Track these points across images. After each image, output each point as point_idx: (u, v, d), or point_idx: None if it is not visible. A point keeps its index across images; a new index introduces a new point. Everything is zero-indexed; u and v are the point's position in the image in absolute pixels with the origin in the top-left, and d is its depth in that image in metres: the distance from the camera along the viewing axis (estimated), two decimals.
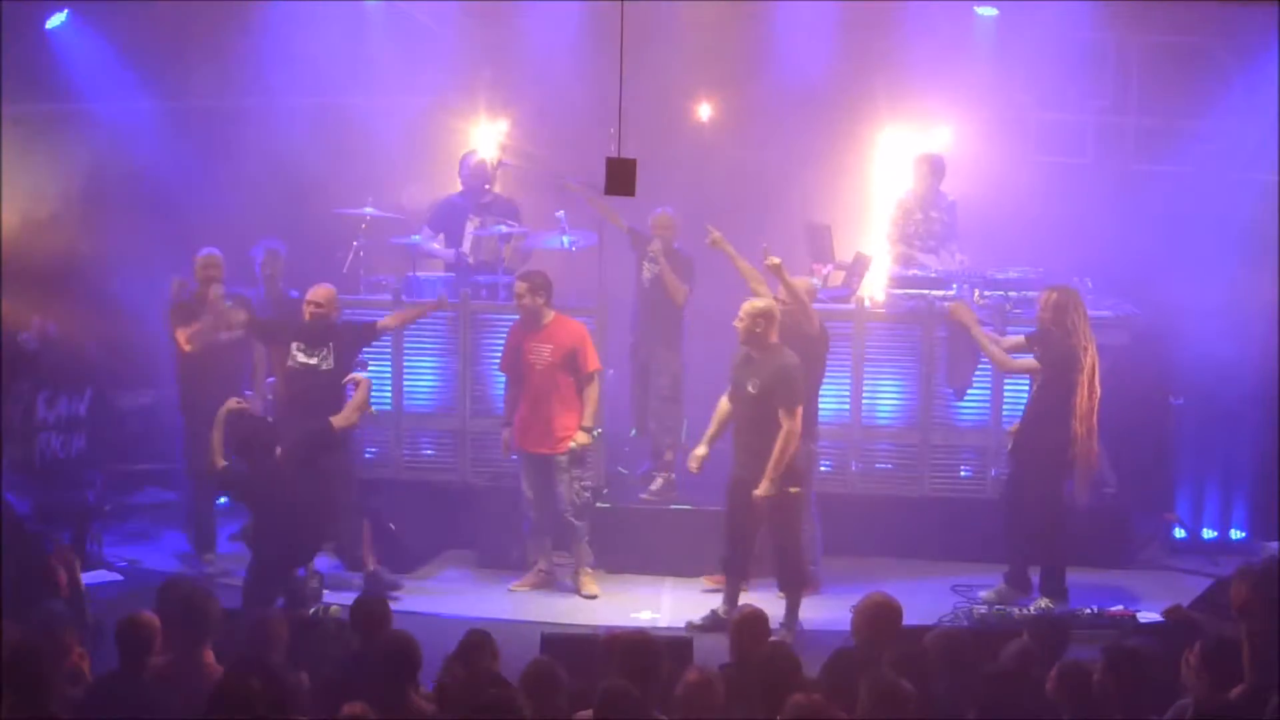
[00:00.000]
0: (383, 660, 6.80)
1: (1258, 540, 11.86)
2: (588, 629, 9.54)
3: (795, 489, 9.96)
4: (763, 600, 9.54)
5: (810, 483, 10.49)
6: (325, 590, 10.17)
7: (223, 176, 12.52)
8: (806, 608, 10.12)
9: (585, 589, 10.85)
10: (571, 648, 7.89)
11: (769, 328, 9.92)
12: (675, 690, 6.47)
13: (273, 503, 9.59)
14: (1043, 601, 10.44)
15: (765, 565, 10.52)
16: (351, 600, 8.11)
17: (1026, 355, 10.65)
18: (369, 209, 11.94)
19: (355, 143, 12.78)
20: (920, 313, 11.46)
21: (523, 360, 10.81)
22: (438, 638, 7.64)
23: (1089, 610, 10.08)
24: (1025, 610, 10.19)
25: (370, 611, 7.64)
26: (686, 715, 6.40)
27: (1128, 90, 13.01)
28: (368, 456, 11.72)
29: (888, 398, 11.68)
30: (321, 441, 9.95)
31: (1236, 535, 12.04)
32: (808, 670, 6.92)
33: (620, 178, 8.58)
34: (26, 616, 7.45)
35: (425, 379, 11.77)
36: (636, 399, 11.90)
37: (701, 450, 10.21)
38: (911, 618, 7.73)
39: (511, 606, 10.59)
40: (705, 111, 13.36)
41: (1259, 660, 6.83)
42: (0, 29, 11.67)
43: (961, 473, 11.63)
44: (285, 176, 12.37)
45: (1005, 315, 11.25)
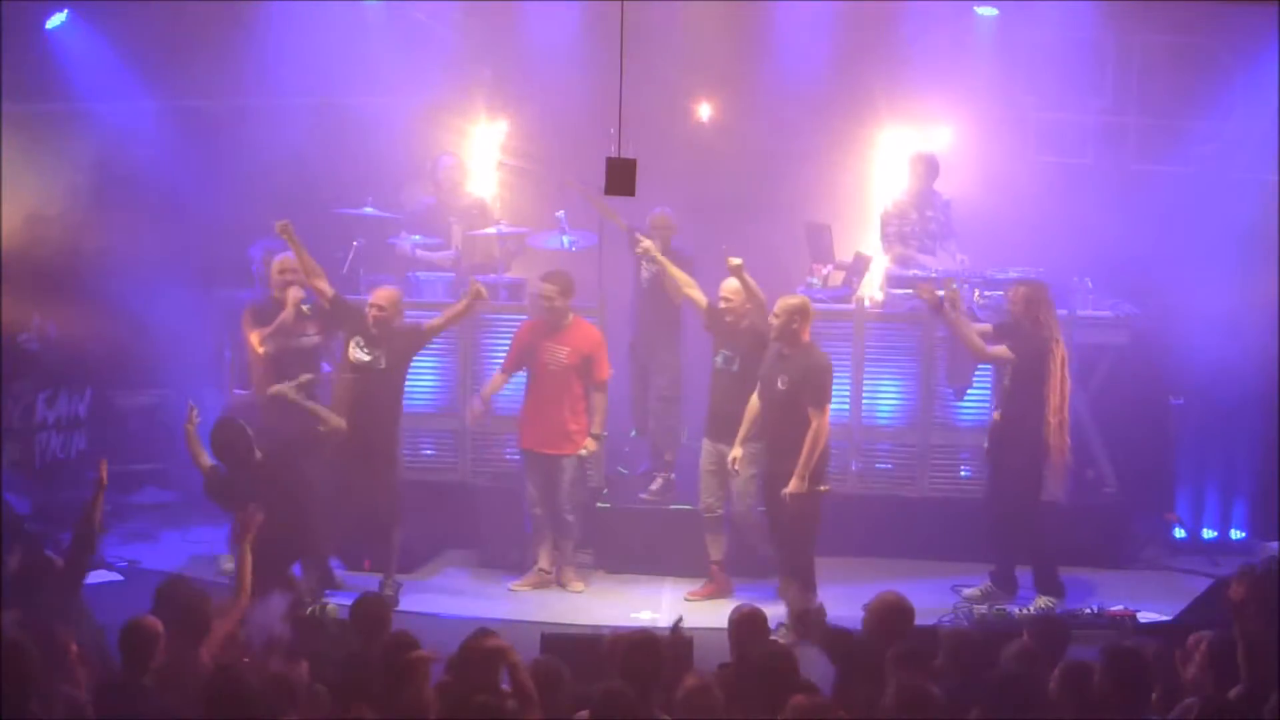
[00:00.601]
0: (383, 660, 6.79)
1: (1258, 540, 11.86)
2: (588, 629, 9.54)
3: (825, 487, 10.03)
4: (762, 600, 9.53)
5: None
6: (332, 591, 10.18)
7: (222, 176, 12.52)
8: None
9: (572, 586, 10.93)
10: (572, 648, 7.89)
11: (804, 324, 9.98)
12: (675, 693, 6.47)
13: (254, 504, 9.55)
14: (1042, 600, 10.45)
15: (767, 566, 10.53)
16: (350, 600, 8.10)
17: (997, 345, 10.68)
18: (369, 209, 11.94)
19: (355, 143, 12.78)
20: (920, 313, 11.45)
21: (536, 360, 10.83)
22: (438, 638, 7.62)
23: (1089, 610, 10.09)
24: (1025, 610, 10.20)
25: (370, 611, 7.64)
26: (686, 718, 6.40)
27: (1128, 90, 13.00)
28: None
29: (887, 398, 11.68)
30: (301, 446, 9.96)
31: (1236, 535, 12.04)
32: (807, 670, 6.92)
33: (620, 178, 8.59)
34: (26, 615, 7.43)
35: (425, 379, 11.74)
36: (636, 399, 11.91)
37: (736, 451, 10.24)
38: None
39: (511, 606, 10.60)
40: (705, 111, 13.36)
41: (1257, 660, 6.83)
42: (0, 29, 11.68)
43: (961, 473, 11.62)
44: (285, 176, 12.37)
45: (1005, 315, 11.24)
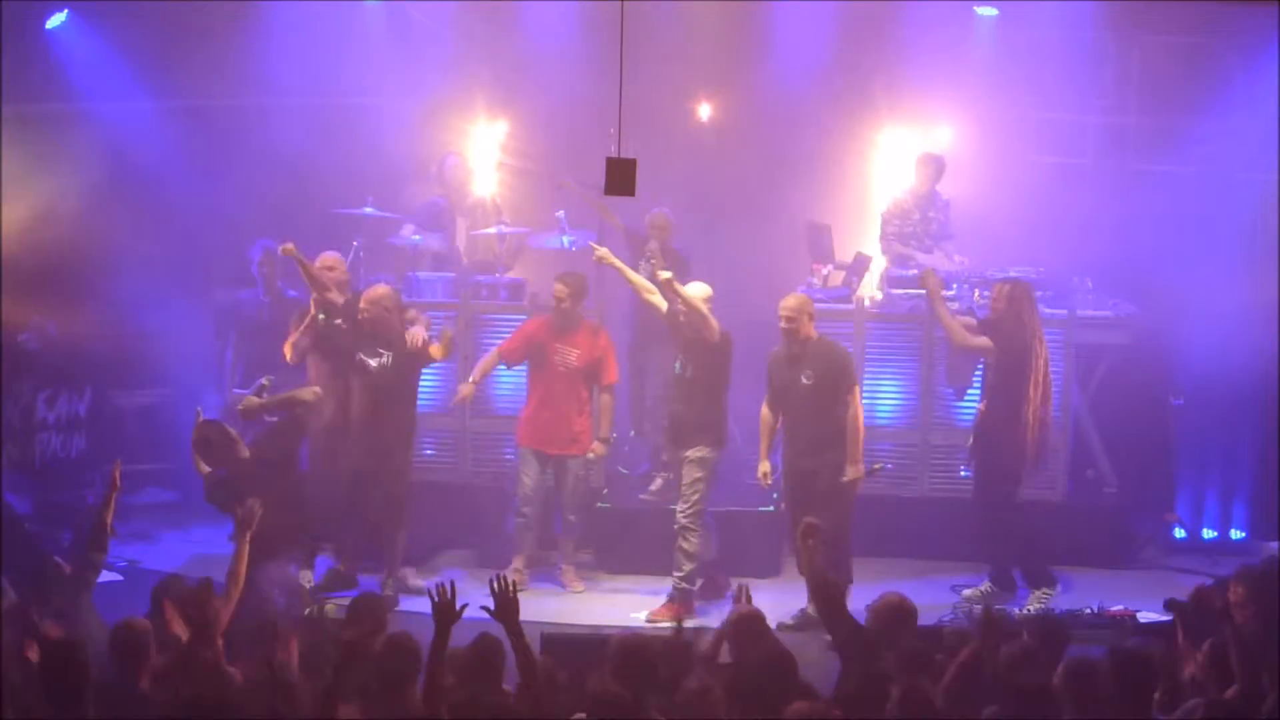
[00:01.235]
0: (382, 660, 6.78)
1: (1258, 540, 11.85)
2: (588, 629, 9.55)
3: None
4: (762, 601, 9.52)
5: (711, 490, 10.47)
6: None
7: (222, 176, 12.52)
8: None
9: (573, 586, 10.97)
10: (572, 648, 7.89)
11: (811, 321, 10.14)
12: (674, 696, 6.46)
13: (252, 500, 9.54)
14: (1039, 593, 10.46)
15: (765, 566, 10.52)
16: (350, 600, 8.10)
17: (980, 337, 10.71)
18: (369, 209, 11.94)
19: (355, 143, 12.77)
20: (920, 313, 11.45)
21: (546, 360, 10.86)
22: None
23: (1089, 610, 10.09)
24: (1025, 610, 10.19)
25: (370, 611, 7.63)
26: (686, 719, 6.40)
27: (1128, 90, 13.00)
28: None
29: (887, 398, 11.68)
30: (285, 431, 9.99)
31: (1236, 535, 12.02)
32: (806, 670, 6.92)
33: (620, 178, 8.58)
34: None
35: (425, 379, 11.70)
36: (634, 400, 11.90)
37: (765, 466, 10.38)
38: None
39: None
40: (705, 111, 13.35)
41: (1255, 660, 6.83)
42: (0, 29, 11.67)
43: (961, 473, 11.59)
44: (285, 176, 12.36)
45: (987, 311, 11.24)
